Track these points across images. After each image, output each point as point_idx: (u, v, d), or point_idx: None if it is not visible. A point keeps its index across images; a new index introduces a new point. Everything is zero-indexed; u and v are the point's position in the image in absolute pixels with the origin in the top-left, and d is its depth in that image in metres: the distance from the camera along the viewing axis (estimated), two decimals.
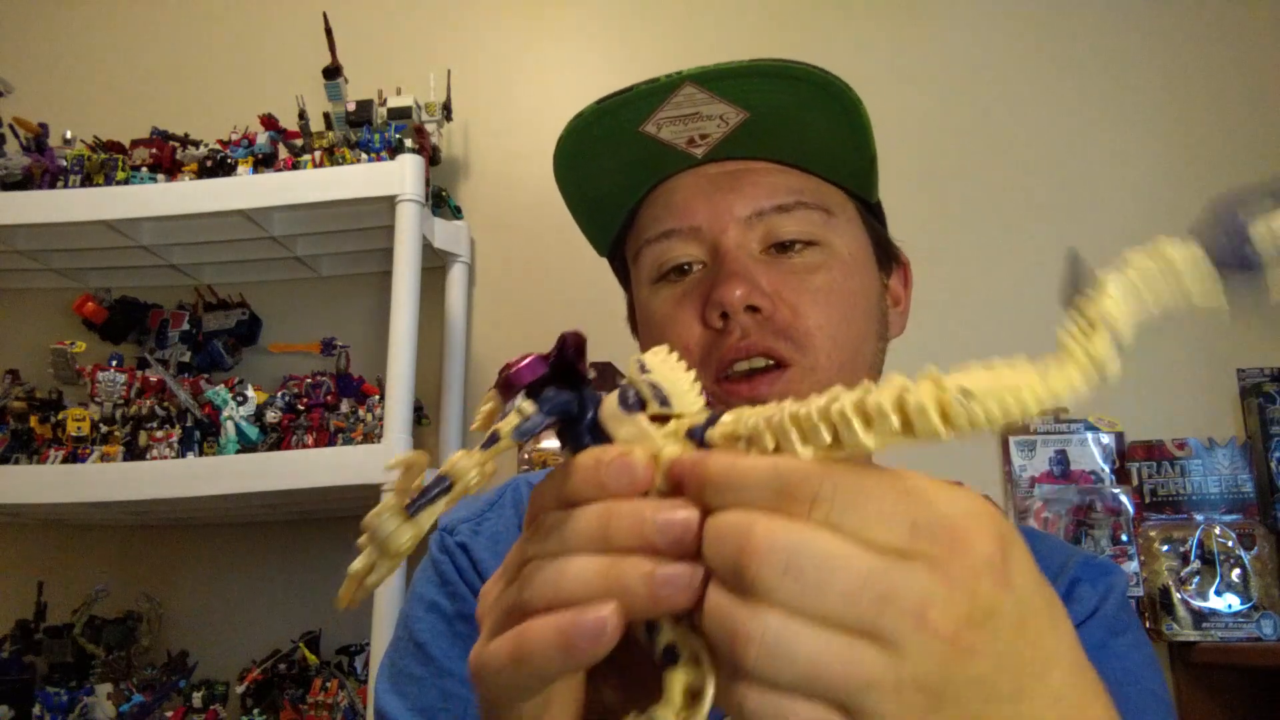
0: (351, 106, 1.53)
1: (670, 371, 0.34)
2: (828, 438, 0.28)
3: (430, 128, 1.59)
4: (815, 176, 0.63)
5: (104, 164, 1.53)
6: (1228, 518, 1.40)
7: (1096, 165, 1.62)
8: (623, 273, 0.72)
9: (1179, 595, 1.37)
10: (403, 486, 0.32)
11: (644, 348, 0.66)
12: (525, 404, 0.33)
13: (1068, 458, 1.48)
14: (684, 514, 0.29)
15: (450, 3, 1.83)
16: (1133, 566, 1.39)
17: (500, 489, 0.71)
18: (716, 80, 0.57)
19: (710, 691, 0.29)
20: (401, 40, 1.81)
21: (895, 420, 0.26)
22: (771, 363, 0.59)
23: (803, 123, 0.60)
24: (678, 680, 0.30)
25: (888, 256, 0.69)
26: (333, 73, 1.52)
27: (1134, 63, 1.66)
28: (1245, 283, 0.24)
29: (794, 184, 0.62)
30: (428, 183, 1.49)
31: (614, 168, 0.63)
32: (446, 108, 1.61)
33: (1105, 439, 1.48)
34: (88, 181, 1.52)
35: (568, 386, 0.34)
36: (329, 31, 1.52)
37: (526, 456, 1.57)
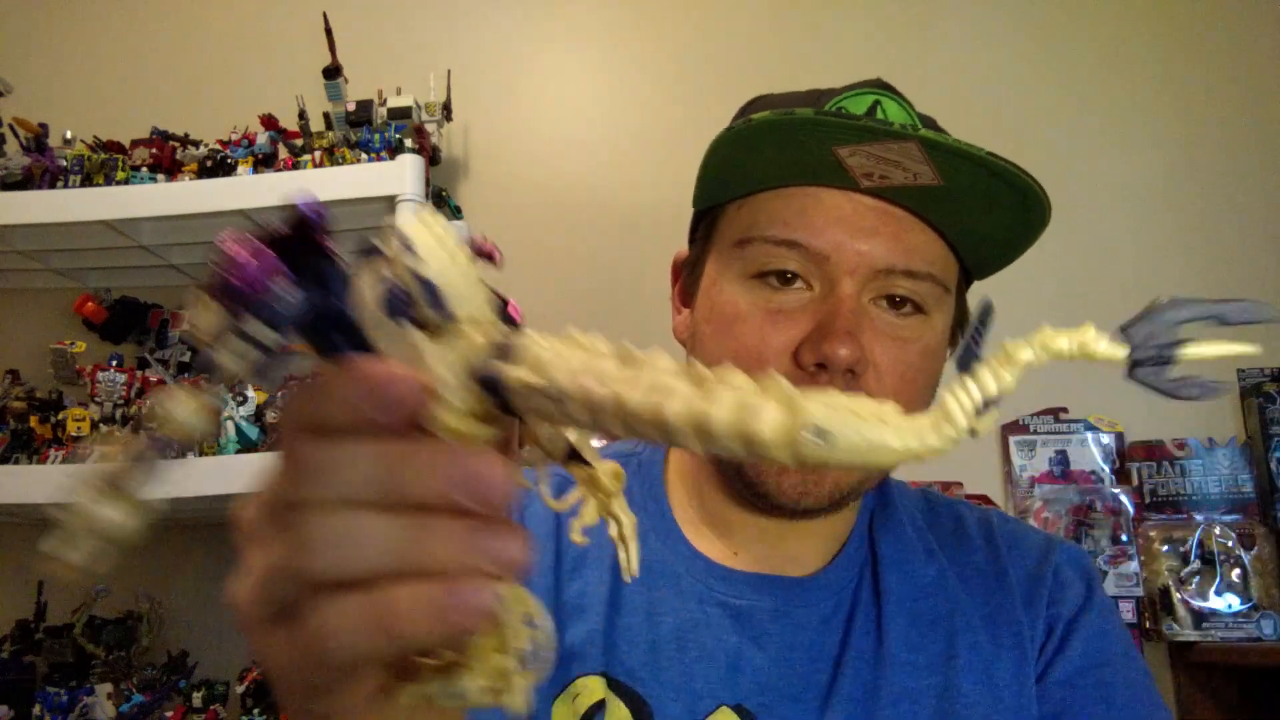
0: (351, 106, 1.53)
1: (448, 261, 0.28)
2: (655, 435, 0.25)
3: (430, 128, 1.59)
4: (949, 246, 0.61)
5: (104, 164, 1.52)
6: (1228, 518, 1.40)
7: (1096, 166, 1.62)
8: (703, 229, 0.68)
9: (1179, 595, 1.37)
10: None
11: (702, 329, 0.63)
12: (257, 327, 0.26)
13: (1068, 458, 1.48)
14: (494, 470, 0.27)
15: (450, 3, 1.83)
16: (1133, 566, 1.39)
17: None
18: (943, 152, 0.54)
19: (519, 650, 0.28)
20: (401, 40, 1.81)
21: (736, 446, 0.24)
22: None
23: (982, 212, 0.58)
24: (487, 646, 0.29)
25: (958, 333, 0.68)
26: (333, 73, 1.52)
27: (1134, 65, 1.66)
28: (1149, 376, 0.25)
29: (933, 253, 0.60)
30: (428, 183, 1.49)
31: (775, 157, 0.59)
32: (446, 108, 1.61)
33: (1105, 439, 1.48)
34: (88, 181, 1.52)
35: (308, 269, 0.27)
36: (329, 31, 1.52)
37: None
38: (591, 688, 0.60)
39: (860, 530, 0.69)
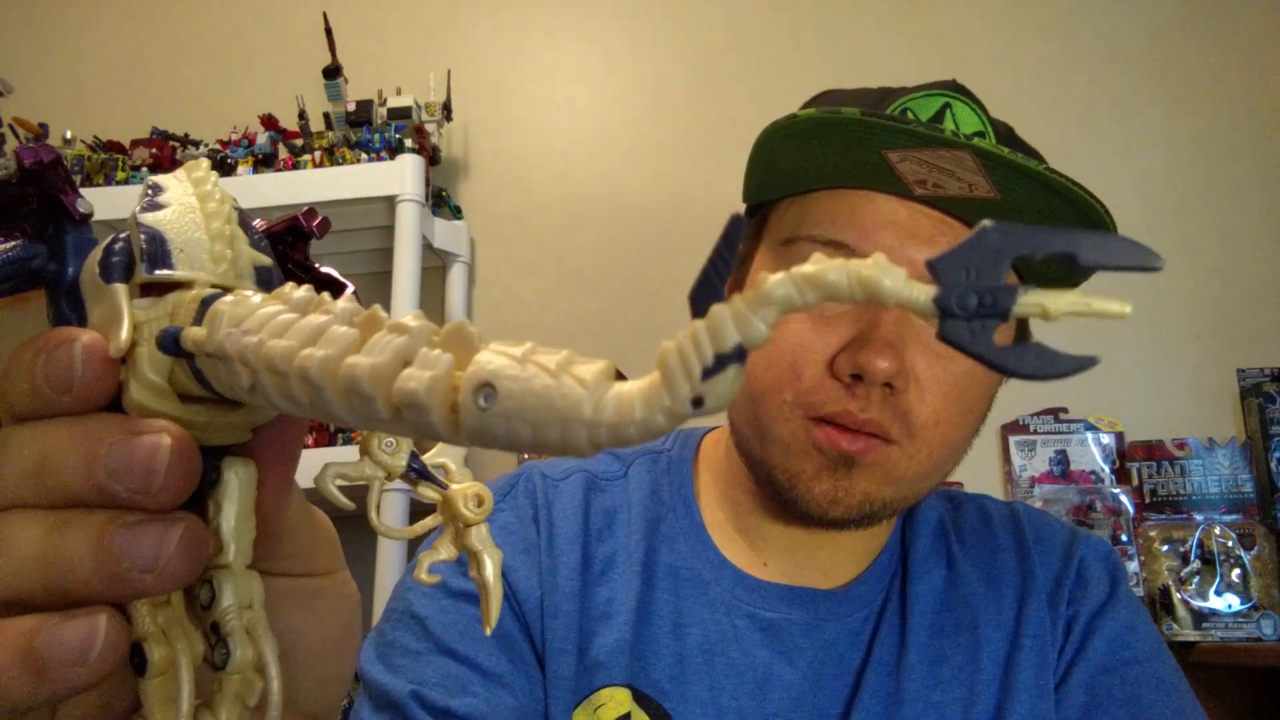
0: (351, 106, 1.53)
1: (184, 212, 0.23)
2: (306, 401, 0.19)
3: (430, 128, 1.59)
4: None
5: (104, 164, 1.52)
6: (1228, 518, 1.40)
7: (1096, 165, 1.62)
8: (754, 226, 0.66)
9: (1179, 595, 1.37)
10: None
11: None
12: None
13: (1068, 458, 1.48)
14: (144, 442, 0.21)
15: (450, 3, 1.83)
16: (1133, 566, 1.39)
17: (513, 477, 0.68)
18: (998, 165, 0.52)
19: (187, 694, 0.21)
20: (401, 40, 1.81)
21: (385, 412, 0.18)
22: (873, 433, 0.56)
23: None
24: (154, 692, 0.22)
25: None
26: (333, 73, 1.52)
27: (1136, 61, 1.66)
28: (962, 334, 0.16)
29: None
30: (428, 183, 1.49)
31: (826, 157, 0.56)
32: (446, 108, 1.61)
33: (1105, 439, 1.48)
34: (88, 181, 1.52)
35: (41, 225, 0.23)
36: (329, 31, 1.52)
37: (526, 455, 1.55)
38: (618, 699, 0.59)
39: (894, 541, 0.67)
